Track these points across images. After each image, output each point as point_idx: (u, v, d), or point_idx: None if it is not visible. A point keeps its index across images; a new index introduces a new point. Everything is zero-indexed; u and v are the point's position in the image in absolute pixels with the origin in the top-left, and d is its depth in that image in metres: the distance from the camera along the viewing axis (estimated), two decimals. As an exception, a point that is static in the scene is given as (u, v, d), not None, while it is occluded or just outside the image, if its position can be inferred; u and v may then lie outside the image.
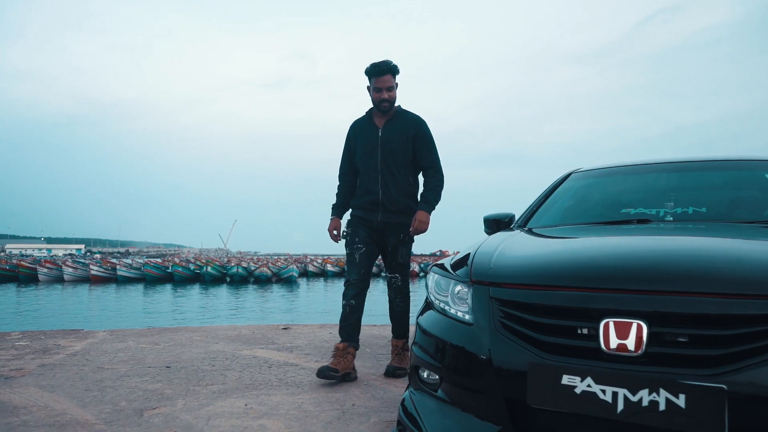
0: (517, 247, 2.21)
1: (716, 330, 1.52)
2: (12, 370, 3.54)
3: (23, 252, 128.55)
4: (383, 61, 3.43)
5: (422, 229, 3.49)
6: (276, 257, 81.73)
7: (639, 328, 1.57)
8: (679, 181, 3.12)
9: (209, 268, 38.09)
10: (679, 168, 3.23)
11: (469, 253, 2.24)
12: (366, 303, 3.46)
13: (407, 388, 2.23)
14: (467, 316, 1.95)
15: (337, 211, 3.64)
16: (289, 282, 36.78)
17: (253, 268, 39.26)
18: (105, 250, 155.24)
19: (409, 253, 3.57)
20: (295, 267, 39.85)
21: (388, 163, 3.46)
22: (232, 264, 40.87)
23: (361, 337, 3.53)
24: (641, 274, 1.69)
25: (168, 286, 32.58)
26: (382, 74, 3.42)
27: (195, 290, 29.99)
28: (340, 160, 3.72)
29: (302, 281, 38.74)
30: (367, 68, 3.46)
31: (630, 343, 1.57)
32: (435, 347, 2.05)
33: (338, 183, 3.69)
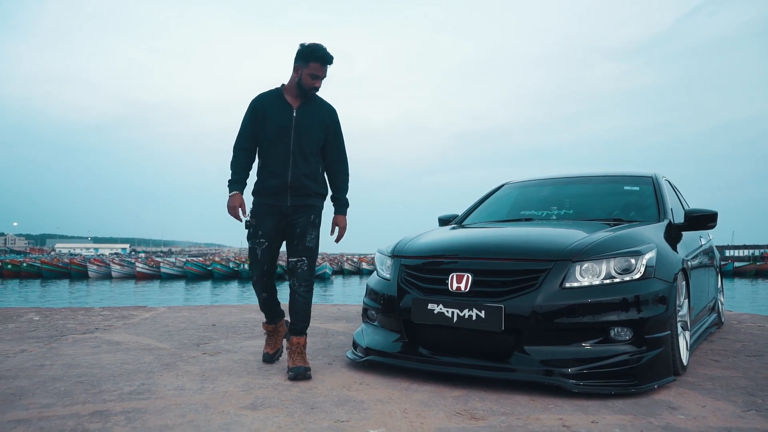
0: (427, 236, 3.57)
1: (501, 278, 2.87)
2: (106, 326, 5.04)
3: (71, 251, 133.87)
4: (327, 50, 3.20)
5: (343, 235, 3.42)
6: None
7: (467, 278, 2.92)
8: (565, 191, 4.41)
9: (247, 266, 40.03)
10: (569, 181, 4.53)
11: (398, 240, 3.61)
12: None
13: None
14: (388, 276, 3.32)
15: (239, 186, 3.26)
16: (322, 279, 38.43)
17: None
18: (149, 249, 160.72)
19: (318, 237, 3.32)
20: (327, 264, 41.52)
21: (302, 146, 3.23)
22: (269, 262, 42.75)
23: (340, 311, 4.87)
24: (470, 248, 3.08)
25: (208, 282, 34.62)
26: (325, 63, 3.21)
27: (233, 285, 31.92)
28: (239, 133, 3.34)
29: (338, 279, 40.43)
30: (310, 51, 3.18)
31: (462, 285, 2.92)
32: (374, 296, 3.41)
33: (235, 156, 3.31)
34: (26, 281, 35.11)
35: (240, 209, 3.23)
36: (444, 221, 4.62)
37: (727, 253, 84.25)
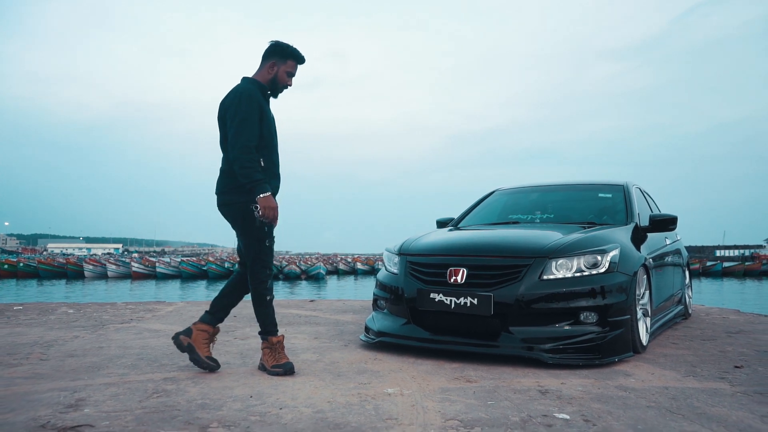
0: (428, 237, 4.19)
1: (491, 272, 3.48)
2: (138, 317, 5.62)
3: (64, 251, 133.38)
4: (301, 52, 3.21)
5: None
6: (307, 256, 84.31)
7: (463, 271, 3.53)
8: (548, 197, 5.04)
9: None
10: (551, 189, 5.16)
11: (403, 241, 4.22)
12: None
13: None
14: (396, 271, 3.93)
15: (269, 187, 3.05)
16: (317, 279, 39.00)
17: (283, 266, 41.64)
18: (141, 249, 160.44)
19: None
20: (322, 264, 42.09)
21: (277, 148, 3.28)
22: (264, 262, 43.18)
23: (346, 305, 5.47)
24: (465, 247, 3.70)
25: (203, 282, 35.10)
26: (301, 63, 3.21)
27: (230, 285, 32.38)
28: (252, 128, 3.02)
29: (333, 279, 41.02)
30: (290, 49, 3.17)
31: (459, 278, 3.53)
32: (384, 287, 4.01)
33: (253, 154, 3.02)
34: (23, 281, 35.47)
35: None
36: (441, 224, 5.24)
37: (718, 253, 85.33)
